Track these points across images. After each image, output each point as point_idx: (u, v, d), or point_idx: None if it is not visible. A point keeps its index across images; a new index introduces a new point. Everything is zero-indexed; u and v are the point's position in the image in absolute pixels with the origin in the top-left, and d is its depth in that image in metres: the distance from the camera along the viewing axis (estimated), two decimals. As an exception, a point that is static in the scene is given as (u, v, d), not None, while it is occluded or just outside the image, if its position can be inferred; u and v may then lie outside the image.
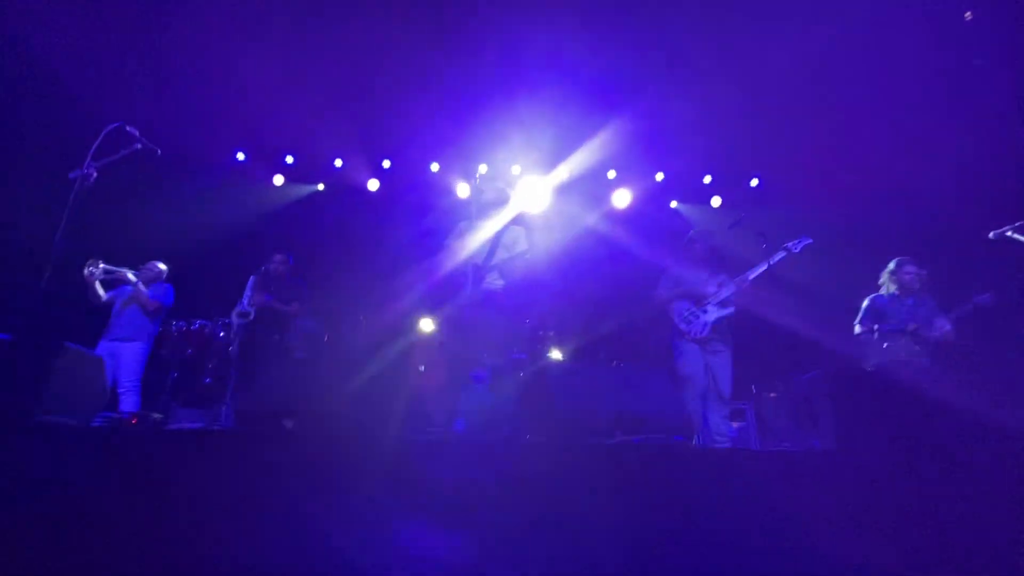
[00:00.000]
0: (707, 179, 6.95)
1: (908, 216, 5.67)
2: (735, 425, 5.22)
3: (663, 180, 6.93)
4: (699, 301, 3.72)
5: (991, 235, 3.70)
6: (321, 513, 1.42)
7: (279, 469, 1.49)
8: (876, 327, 3.97)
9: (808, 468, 1.74)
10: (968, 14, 4.47)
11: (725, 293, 3.70)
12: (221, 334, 4.94)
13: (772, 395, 5.25)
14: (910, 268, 4.03)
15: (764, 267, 3.73)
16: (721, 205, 6.96)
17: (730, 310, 3.68)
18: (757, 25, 4.73)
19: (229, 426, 3.71)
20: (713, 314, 3.66)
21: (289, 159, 6.81)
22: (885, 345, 3.82)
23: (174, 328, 4.83)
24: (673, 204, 7.23)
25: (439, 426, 3.04)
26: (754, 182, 6.86)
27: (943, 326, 3.76)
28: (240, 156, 6.66)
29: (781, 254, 3.80)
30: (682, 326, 3.67)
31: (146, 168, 5.12)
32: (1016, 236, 3.59)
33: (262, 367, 3.92)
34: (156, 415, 2.24)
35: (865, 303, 4.14)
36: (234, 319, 4.43)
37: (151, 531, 1.36)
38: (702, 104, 5.58)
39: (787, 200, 6.51)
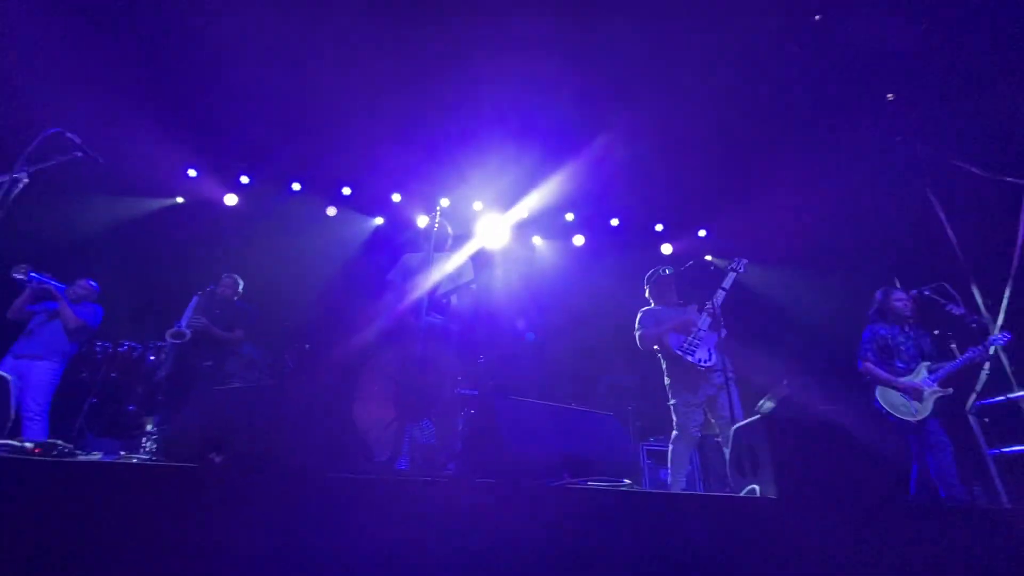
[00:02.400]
0: (659, 227, 7.25)
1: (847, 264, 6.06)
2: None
3: (618, 225, 7.19)
4: (689, 331, 3.61)
5: (911, 294, 3.98)
6: (248, 559, 1.30)
7: (202, 507, 1.37)
8: (884, 362, 3.80)
9: (748, 514, 1.77)
10: (890, 96, 4.96)
11: (710, 318, 3.59)
12: (151, 358, 4.61)
13: (717, 438, 5.37)
14: (900, 295, 3.88)
15: (724, 292, 3.68)
16: (672, 252, 7.27)
17: (723, 332, 3.56)
18: (713, 79, 5.06)
19: (150, 458, 3.40)
20: (709, 340, 3.56)
21: (245, 179, 6.62)
22: (905, 380, 3.68)
23: (98, 349, 4.48)
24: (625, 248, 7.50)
25: (383, 463, 2.91)
26: (702, 233, 7.22)
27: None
28: (192, 173, 6.42)
29: (731, 276, 3.76)
30: (688, 358, 3.51)
31: (88, 178, 4.85)
32: (934, 296, 3.88)
33: (191, 394, 3.66)
34: (64, 445, 2.02)
35: (866, 334, 3.94)
36: (168, 339, 4.09)
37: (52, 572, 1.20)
38: (655, 153, 5.89)
39: (732, 249, 6.90)
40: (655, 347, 3.75)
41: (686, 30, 4.67)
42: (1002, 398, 3.91)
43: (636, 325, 3.87)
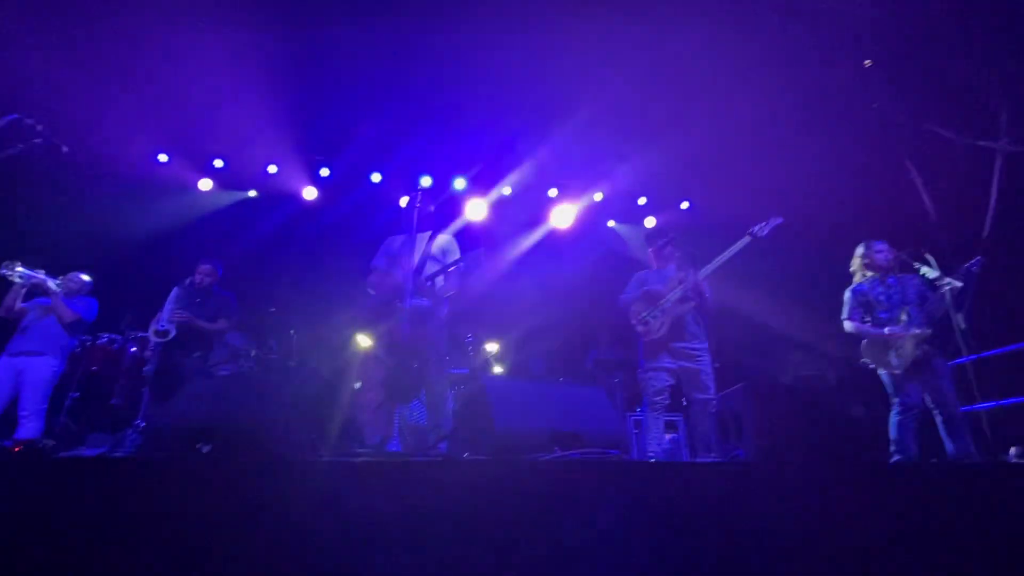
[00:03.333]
0: (642, 200, 7.25)
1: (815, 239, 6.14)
2: (668, 437, 5.41)
3: (601, 200, 7.16)
4: (656, 301, 3.55)
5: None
6: (238, 548, 1.31)
7: (190, 498, 1.37)
8: (868, 319, 3.73)
9: (732, 478, 1.82)
10: (868, 62, 4.97)
11: (681, 290, 3.49)
12: (132, 349, 4.54)
13: (700, 408, 5.50)
14: (880, 246, 3.80)
15: (725, 257, 3.54)
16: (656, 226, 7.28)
17: (688, 306, 3.47)
18: (698, 50, 5.00)
19: (134, 452, 3.37)
20: (670, 312, 3.48)
21: (218, 163, 6.44)
22: (887, 330, 3.58)
23: (76, 343, 4.38)
24: (610, 224, 7.48)
25: (375, 445, 2.93)
26: (684, 205, 7.23)
27: (940, 300, 3.48)
28: (163, 158, 6.22)
29: (745, 240, 3.58)
30: (639, 328, 3.54)
31: (53, 167, 4.69)
32: (910, 262, 3.89)
33: (179, 387, 3.62)
34: (47, 442, 1.99)
35: (847, 295, 3.89)
36: (151, 337, 4.03)
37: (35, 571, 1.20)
38: (639, 125, 5.85)
39: (717, 223, 6.93)
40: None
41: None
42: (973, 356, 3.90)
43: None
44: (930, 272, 3.63)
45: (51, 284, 4.06)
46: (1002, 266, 4.29)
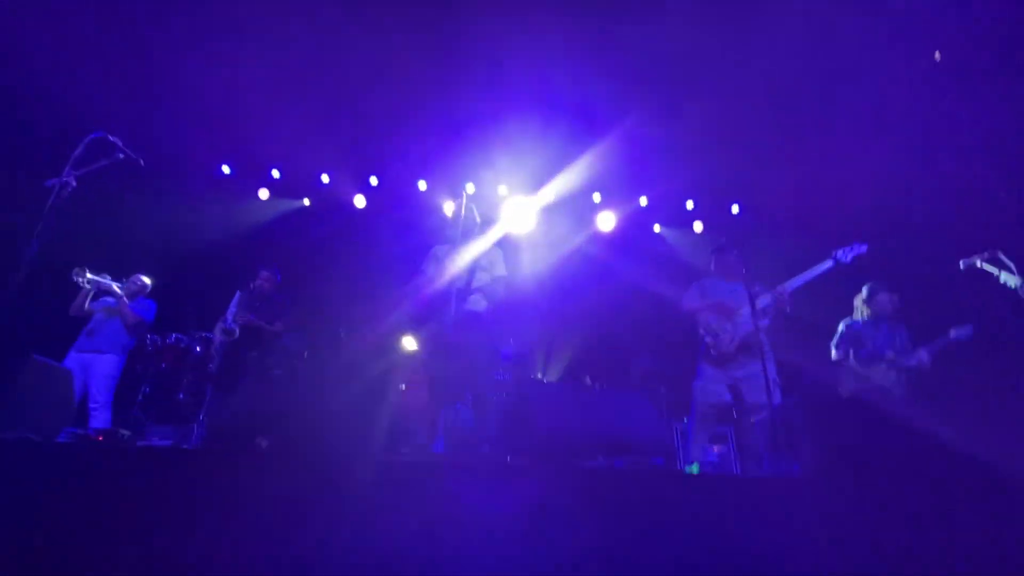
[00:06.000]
0: (689, 204, 7.08)
1: (883, 243, 5.83)
2: (716, 449, 5.22)
3: (647, 204, 7.04)
4: (728, 314, 3.46)
5: (960, 264, 3.79)
6: (295, 534, 1.37)
7: (251, 489, 1.44)
8: (851, 351, 3.99)
9: (787, 494, 1.75)
10: (937, 54, 4.67)
11: (761, 303, 3.40)
12: (197, 348, 4.83)
13: (753, 419, 5.28)
14: (883, 295, 4.05)
15: (808, 278, 3.49)
16: (704, 230, 7.09)
17: (765, 322, 3.40)
18: (740, 53, 4.88)
19: (200, 444, 3.60)
20: (743, 327, 3.39)
21: (275, 173, 6.79)
22: (862, 371, 3.83)
23: (148, 342, 4.71)
24: (656, 228, 7.34)
25: (420, 446, 2.99)
26: (735, 209, 7.01)
27: (921, 357, 3.76)
28: (225, 169, 6.62)
29: (828, 264, 3.55)
30: (707, 339, 3.44)
31: (128, 178, 5.06)
32: (986, 266, 3.68)
33: (240, 384, 3.84)
34: (125, 432, 2.16)
35: (841, 328, 4.12)
36: (217, 336, 4.35)
37: (115, 553, 1.30)
38: (686, 129, 5.73)
39: (765, 227, 6.67)
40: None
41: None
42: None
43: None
44: (1011, 280, 3.45)
45: (116, 288, 4.39)
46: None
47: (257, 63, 5.28)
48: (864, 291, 4.13)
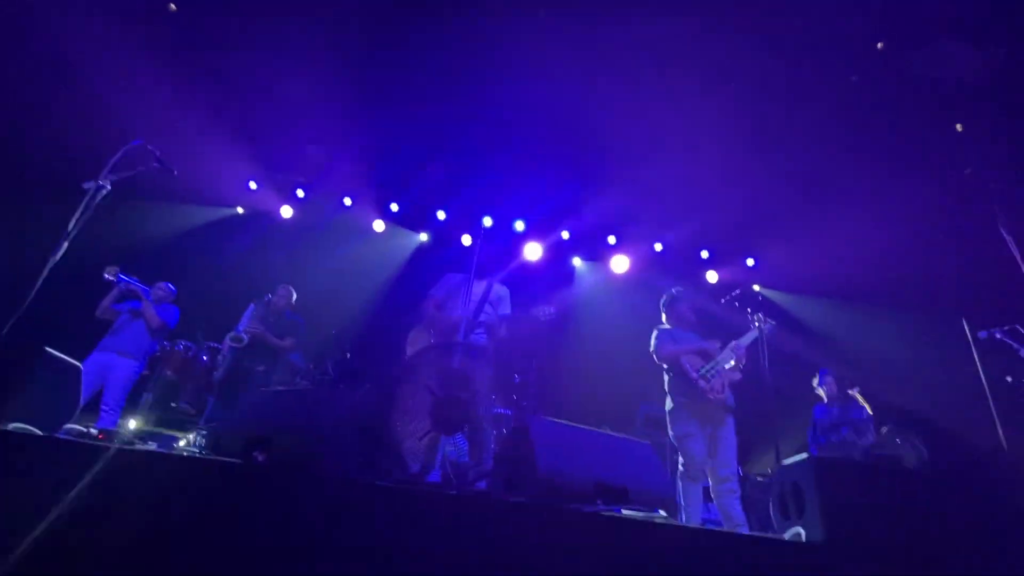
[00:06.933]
0: (704, 254, 7.09)
1: (895, 307, 5.77)
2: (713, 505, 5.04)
3: (662, 250, 7.07)
4: (708, 359, 3.54)
5: (981, 335, 3.74)
6: (278, 552, 1.34)
7: (243, 501, 1.43)
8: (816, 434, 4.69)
9: (795, 559, 1.68)
10: (880, 44, 4.62)
11: (734, 355, 3.54)
12: (204, 359, 4.85)
13: (760, 478, 5.11)
14: (829, 378, 4.84)
15: (756, 335, 3.69)
16: (718, 281, 7.06)
17: (738, 376, 3.53)
18: (768, 101, 4.97)
19: (199, 452, 3.56)
20: (726, 375, 3.50)
21: (300, 193, 6.96)
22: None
23: (157, 348, 4.75)
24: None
25: (414, 473, 2.93)
26: (750, 261, 7.00)
27: (867, 439, 4.35)
28: (252, 185, 6.81)
29: (771, 324, 3.81)
30: (702, 383, 3.45)
31: (159, 188, 5.22)
32: (1006, 340, 3.63)
33: (241, 396, 3.84)
34: (124, 434, 2.16)
35: (814, 414, 4.83)
36: (226, 343, 4.40)
37: (100, 555, 1.28)
38: (701, 178, 5.80)
39: (778, 281, 6.65)
40: (665, 367, 3.70)
41: (742, 49, 4.62)
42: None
43: (651, 342, 3.81)
44: None
45: (143, 292, 4.47)
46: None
47: (294, 86, 5.48)
48: (814, 380, 4.93)
